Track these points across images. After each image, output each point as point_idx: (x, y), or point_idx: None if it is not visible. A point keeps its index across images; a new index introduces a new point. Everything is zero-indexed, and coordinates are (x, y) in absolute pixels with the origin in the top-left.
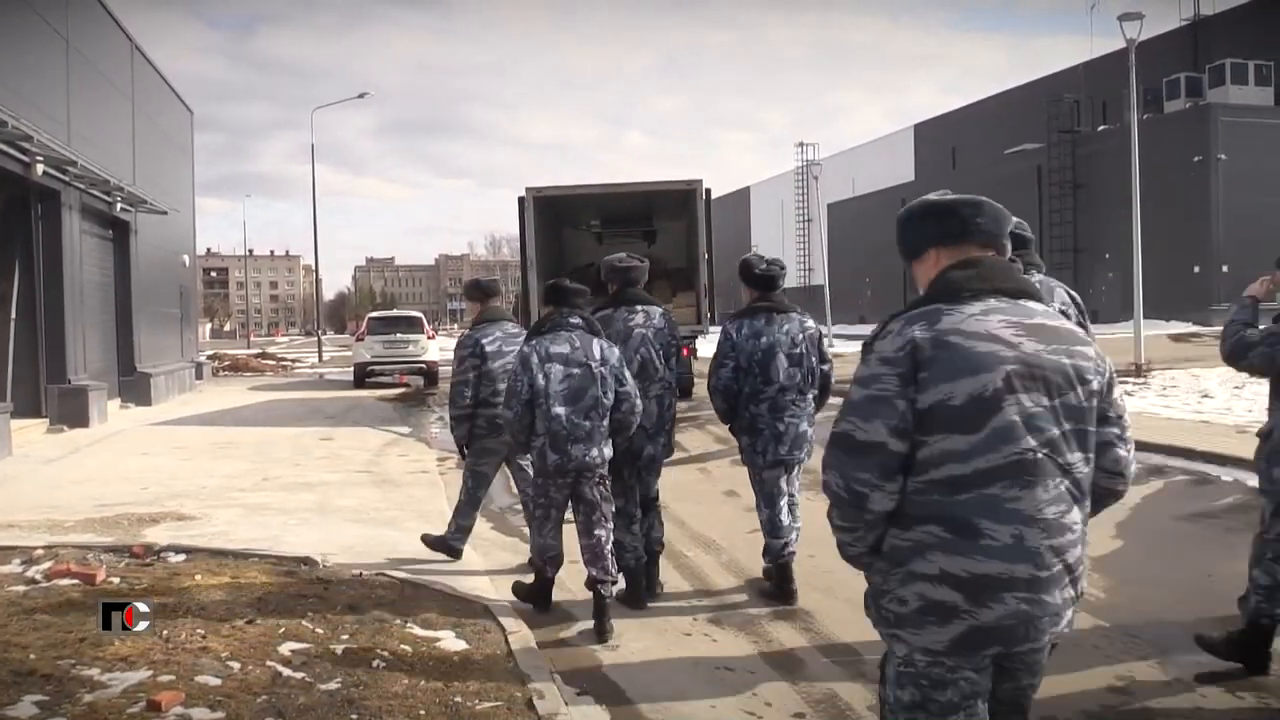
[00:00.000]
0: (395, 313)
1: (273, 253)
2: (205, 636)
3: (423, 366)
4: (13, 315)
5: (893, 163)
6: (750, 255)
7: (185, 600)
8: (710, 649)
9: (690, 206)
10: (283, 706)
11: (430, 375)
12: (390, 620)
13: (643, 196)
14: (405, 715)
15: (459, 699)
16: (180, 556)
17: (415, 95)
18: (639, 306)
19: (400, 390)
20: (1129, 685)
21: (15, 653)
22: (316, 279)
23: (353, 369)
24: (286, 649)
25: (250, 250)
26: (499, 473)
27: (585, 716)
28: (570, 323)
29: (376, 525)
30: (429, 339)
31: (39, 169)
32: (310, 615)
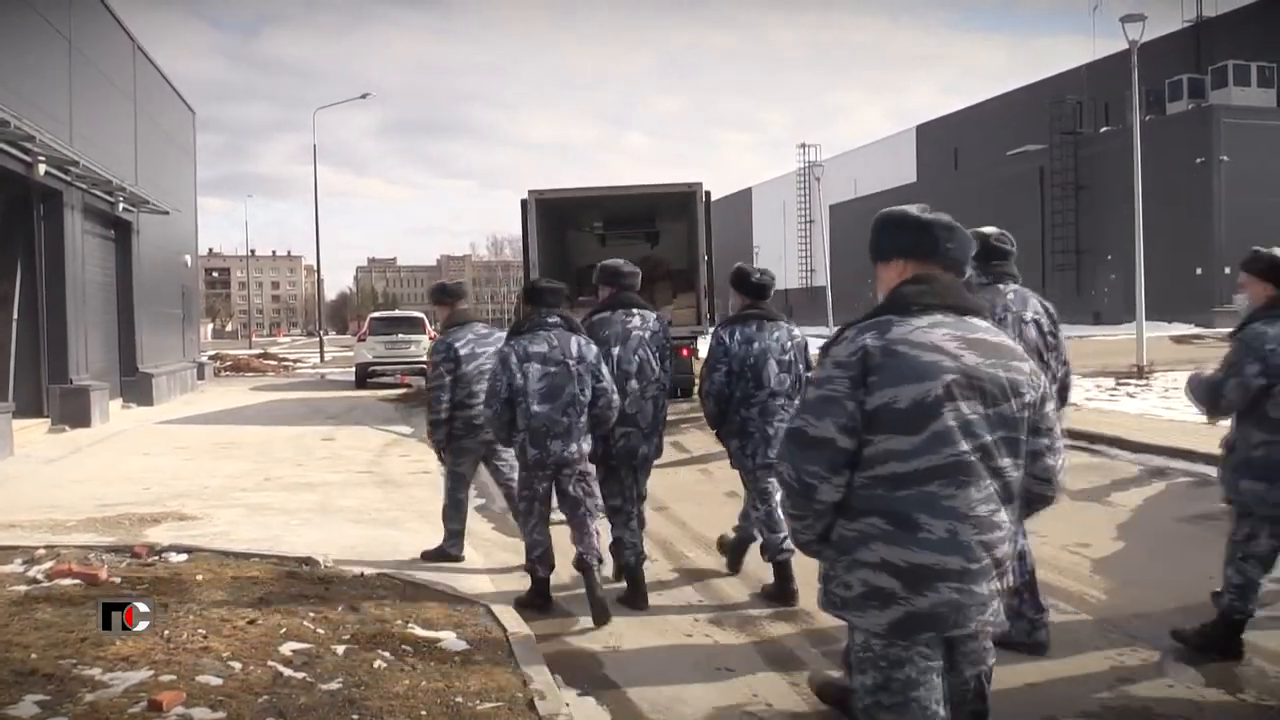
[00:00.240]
0: (397, 313)
1: (274, 253)
2: (206, 636)
3: (424, 367)
4: (15, 315)
5: (895, 164)
6: (743, 264)
7: (187, 600)
8: (711, 649)
9: (690, 209)
10: (284, 706)
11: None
12: (392, 620)
13: (644, 199)
14: (406, 715)
15: (460, 699)
16: (182, 556)
17: (416, 96)
18: (635, 310)
19: (402, 390)
20: (1130, 686)
21: (17, 652)
22: (318, 279)
23: (354, 369)
24: (288, 649)
25: (252, 250)
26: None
27: (586, 717)
28: (549, 322)
29: (378, 525)
30: (431, 339)
31: (41, 169)
32: (312, 615)
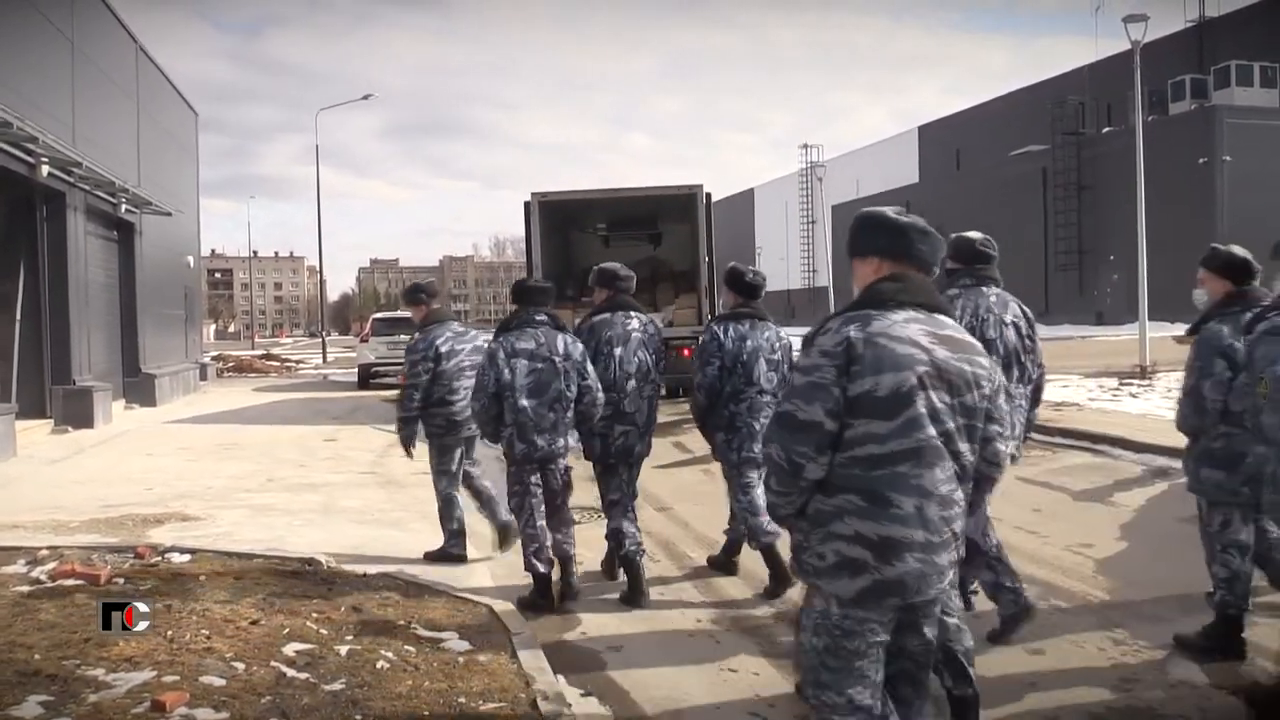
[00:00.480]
0: (400, 314)
1: (277, 254)
2: (210, 637)
3: None
4: (18, 316)
5: (897, 164)
6: (737, 264)
7: (190, 601)
8: (714, 650)
9: (692, 210)
10: (287, 707)
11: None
12: (394, 621)
13: (646, 201)
14: (409, 716)
15: (463, 699)
16: (185, 557)
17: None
18: (633, 313)
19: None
20: (1133, 686)
21: (20, 653)
22: (321, 280)
23: (357, 370)
24: (291, 649)
25: (255, 251)
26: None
27: (589, 717)
28: (536, 320)
29: (381, 526)
30: None
31: (44, 170)
32: (315, 616)
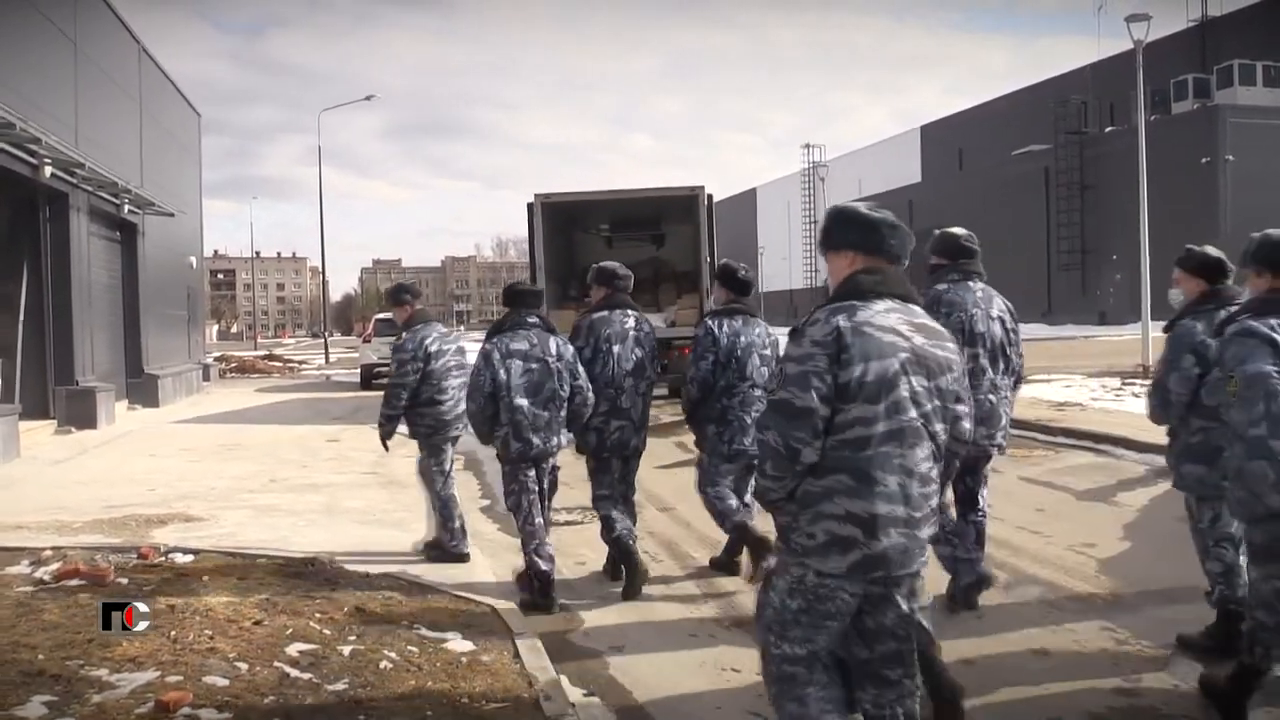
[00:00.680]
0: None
1: (279, 254)
2: (213, 637)
3: None
4: (21, 317)
5: (899, 164)
6: (729, 261)
7: (193, 601)
8: (716, 649)
9: (694, 212)
10: (290, 707)
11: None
12: (397, 621)
13: (649, 202)
14: (412, 716)
15: (466, 700)
16: (188, 558)
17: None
18: (630, 311)
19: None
20: (1136, 687)
21: (24, 653)
22: (323, 280)
23: (360, 370)
24: (294, 650)
25: (257, 252)
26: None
27: (592, 717)
28: (528, 322)
29: (384, 527)
30: None
31: (47, 171)
32: (318, 616)
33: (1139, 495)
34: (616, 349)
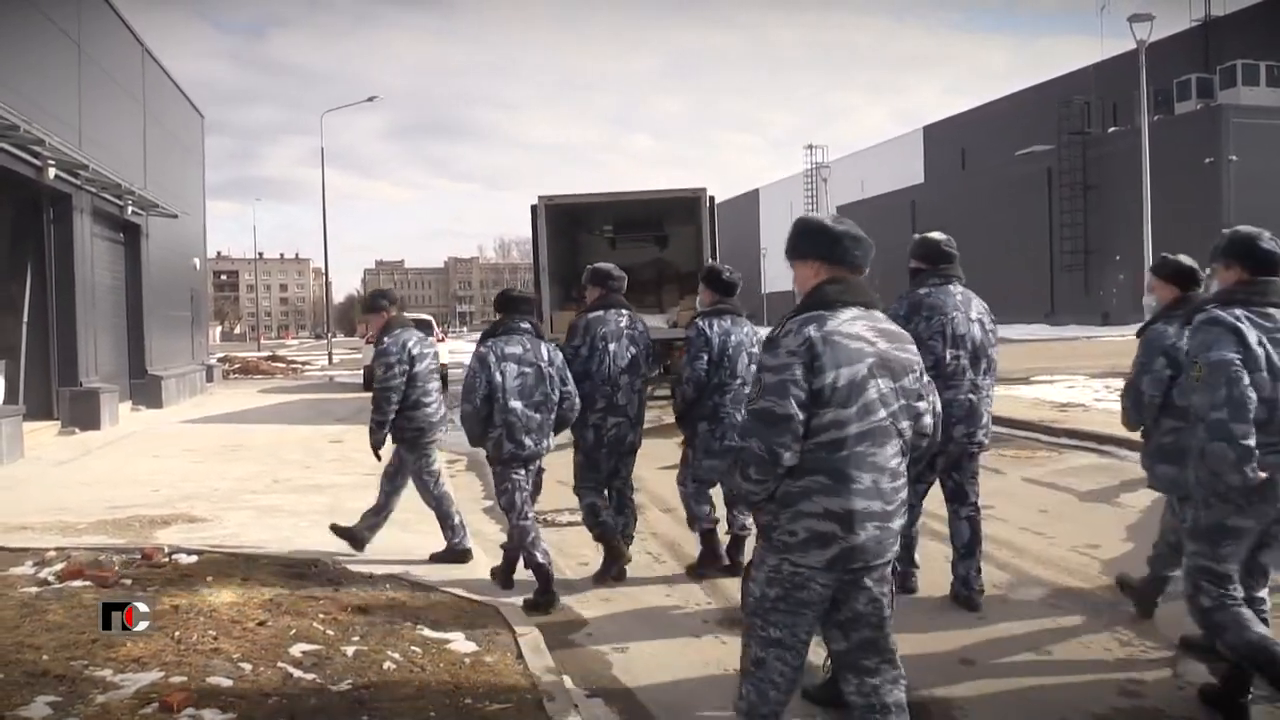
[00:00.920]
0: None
1: (282, 256)
2: (217, 638)
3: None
4: (25, 318)
5: (902, 165)
6: (714, 263)
7: (196, 602)
8: (720, 650)
9: (696, 213)
10: (294, 708)
11: (441, 377)
12: (401, 622)
13: (652, 204)
14: (416, 717)
15: (469, 700)
16: (192, 558)
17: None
18: (624, 311)
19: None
20: (1139, 688)
21: (28, 654)
22: (326, 282)
23: (363, 371)
24: (297, 650)
25: (260, 253)
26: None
27: (595, 718)
28: (521, 327)
29: (387, 527)
30: (438, 341)
31: (51, 173)
32: (321, 617)
33: (1142, 496)
34: (612, 347)
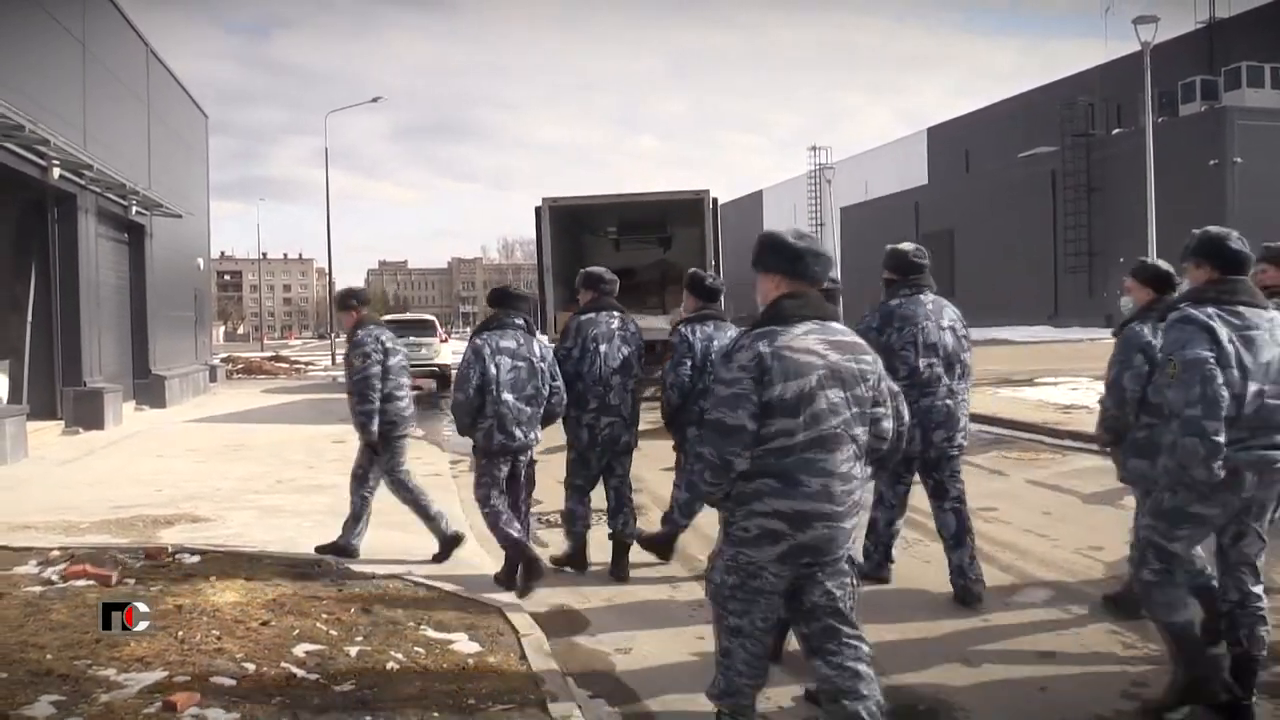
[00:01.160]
0: (408, 316)
1: (286, 256)
2: (220, 637)
3: (435, 369)
4: (29, 318)
5: (906, 166)
6: (697, 270)
7: (200, 602)
8: None
9: (700, 214)
10: (297, 708)
11: (443, 378)
12: (404, 622)
13: (655, 205)
14: (419, 717)
15: (472, 701)
16: (195, 558)
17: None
18: (616, 313)
19: (413, 393)
20: (1143, 690)
21: (32, 653)
22: (330, 282)
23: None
24: (301, 650)
25: (264, 253)
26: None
27: (598, 718)
28: (515, 323)
29: (390, 528)
30: (442, 342)
31: (55, 173)
32: (324, 617)
33: None
34: (603, 348)
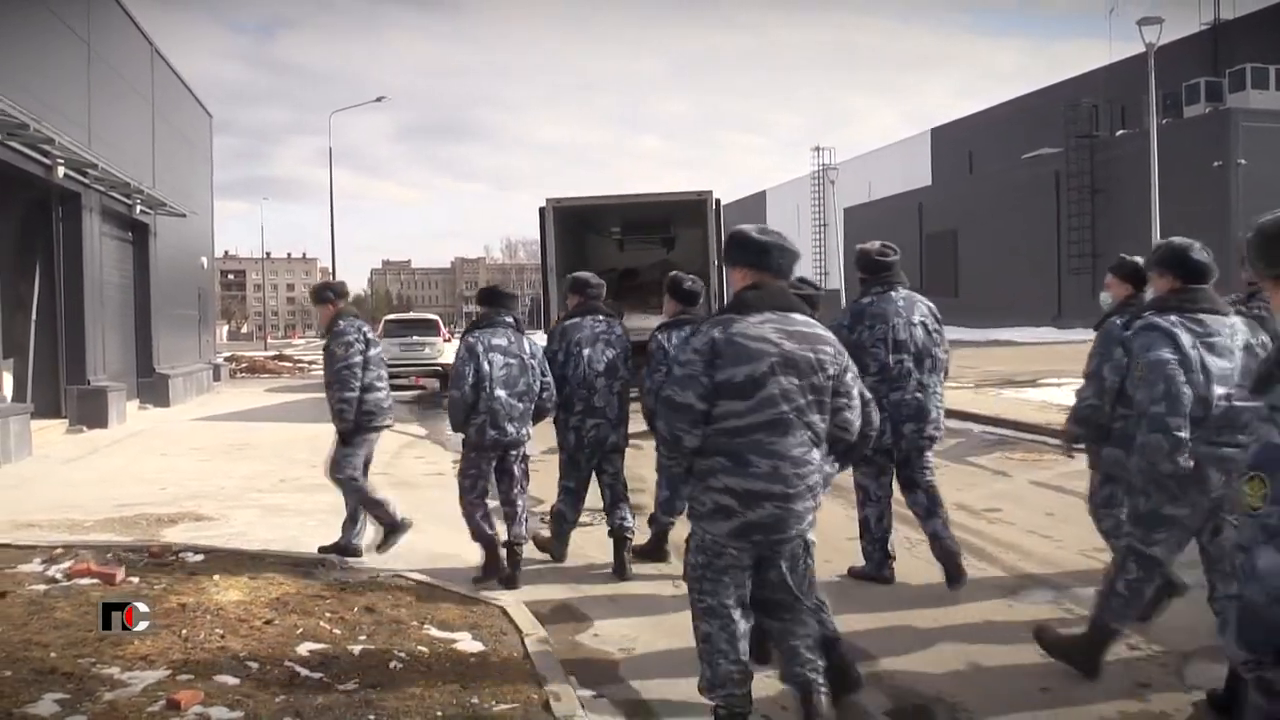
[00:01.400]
0: (411, 315)
1: (290, 255)
2: (224, 636)
3: (439, 369)
4: (33, 316)
5: (909, 167)
6: (677, 273)
7: (204, 600)
8: None
9: (702, 215)
10: (301, 706)
11: (446, 377)
12: (407, 621)
13: (658, 206)
14: (422, 716)
15: (476, 700)
16: (198, 557)
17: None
18: (602, 316)
19: (416, 392)
20: (1147, 691)
21: (36, 651)
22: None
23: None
24: (304, 649)
25: (267, 253)
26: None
27: (601, 718)
28: (505, 321)
29: None
30: (445, 341)
31: (60, 172)
32: (328, 616)
33: None
34: (586, 352)
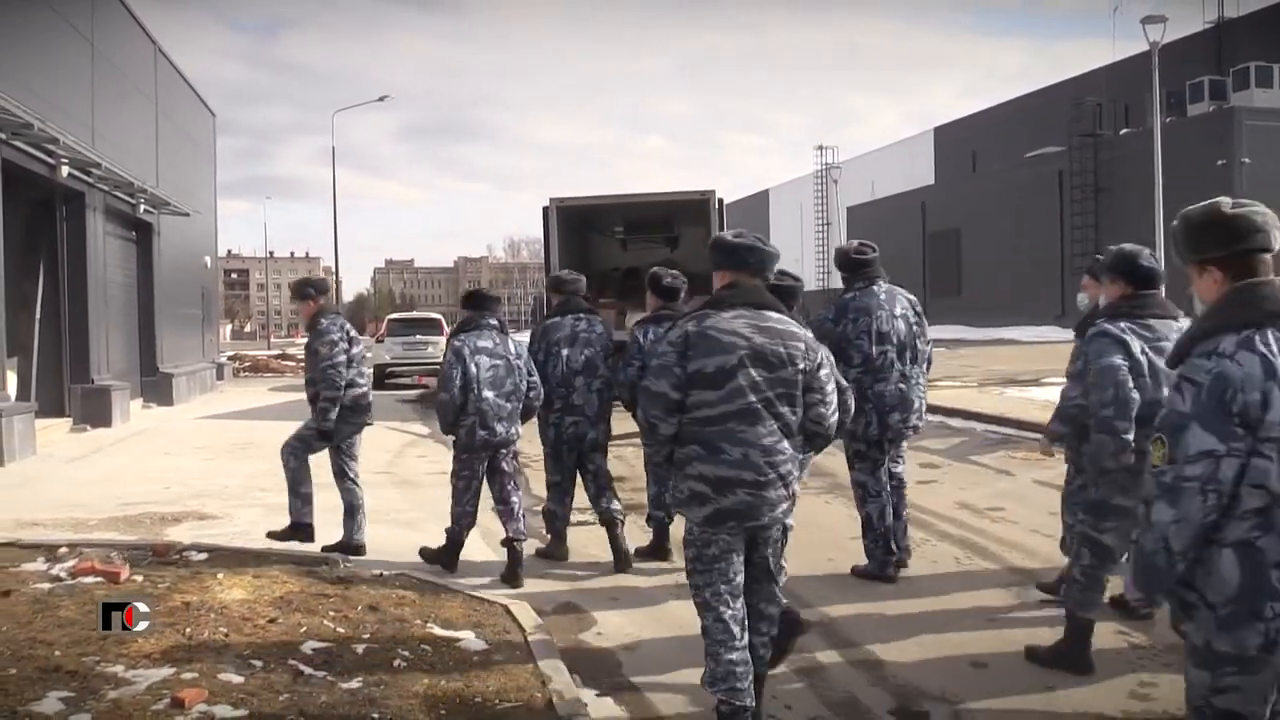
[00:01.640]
0: (414, 314)
1: (293, 254)
2: (228, 635)
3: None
4: (38, 315)
5: (912, 166)
6: (658, 269)
7: (207, 599)
8: None
9: (705, 215)
10: (304, 705)
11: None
12: (411, 620)
13: (661, 205)
14: (426, 714)
15: (479, 698)
16: (202, 555)
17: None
18: (582, 315)
19: (419, 391)
20: (1150, 692)
21: (41, 649)
22: (336, 281)
23: (371, 370)
24: (308, 648)
25: (271, 252)
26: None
27: (604, 716)
28: (490, 324)
29: (396, 526)
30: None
31: (64, 171)
32: (332, 615)
33: None
34: (565, 351)
